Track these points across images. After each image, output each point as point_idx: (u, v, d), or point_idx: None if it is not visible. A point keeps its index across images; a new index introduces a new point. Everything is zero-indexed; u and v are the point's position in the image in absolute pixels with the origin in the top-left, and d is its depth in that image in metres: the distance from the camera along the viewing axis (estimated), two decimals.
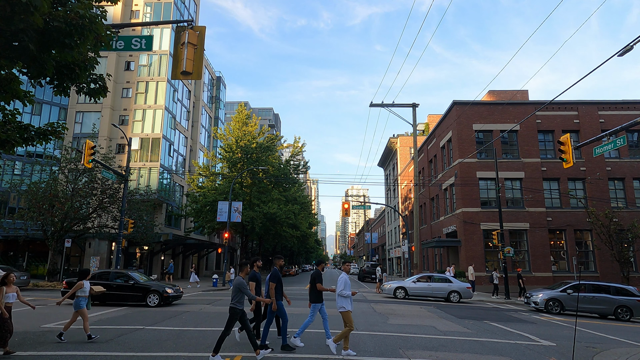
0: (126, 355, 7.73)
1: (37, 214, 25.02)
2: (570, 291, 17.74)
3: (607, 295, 17.22)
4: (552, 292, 18.17)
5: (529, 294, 19.12)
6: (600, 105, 29.32)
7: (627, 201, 27.71)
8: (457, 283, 21.18)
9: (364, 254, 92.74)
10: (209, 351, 8.09)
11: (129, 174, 25.42)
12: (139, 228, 27.87)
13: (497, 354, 8.74)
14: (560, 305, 17.73)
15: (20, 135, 8.96)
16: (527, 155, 28.64)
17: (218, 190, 36.44)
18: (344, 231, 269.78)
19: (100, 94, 8.68)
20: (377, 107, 25.99)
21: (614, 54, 9.87)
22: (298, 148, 41.94)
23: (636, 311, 16.98)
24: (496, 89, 34.59)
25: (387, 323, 12.58)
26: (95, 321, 11.82)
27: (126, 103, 38.25)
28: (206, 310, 14.68)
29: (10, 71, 7.89)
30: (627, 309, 16.97)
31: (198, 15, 47.73)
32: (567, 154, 13.79)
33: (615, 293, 17.34)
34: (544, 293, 18.36)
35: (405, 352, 8.49)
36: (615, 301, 17.08)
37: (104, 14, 7.51)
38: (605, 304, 17.16)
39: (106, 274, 16.72)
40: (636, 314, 17.04)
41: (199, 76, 8.18)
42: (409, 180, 44.94)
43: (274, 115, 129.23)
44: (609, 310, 17.16)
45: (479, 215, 27.85)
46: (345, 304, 8.01)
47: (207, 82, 52.19)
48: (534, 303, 18.30)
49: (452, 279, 21.78)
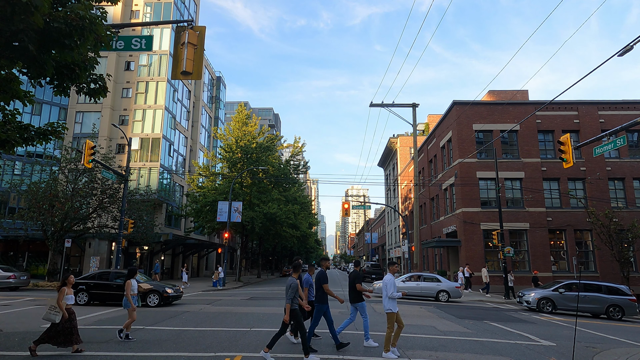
0: (126, 355, 7.74)
1: (37, 214, 25.01)
2: (562, 290, 17.92)
3: (599, 295, 17.34)
4: (544, 291, 18.35)
5: (521, 293, 19.31)
6: (600, 105, 29.31)
7: (627, 201, 27.71)
8: (446, 283, 21.22)
9: (364, 254, 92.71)
10: (209, 351, 8.11)
11: (129, 174, 25.42)
12: (139, 228, 27.87)
13: (497, 354, 8.74)
14: (552, 304, 17.86)
15: (20, 135, 8.97)
16: (527, 155, 28.64)
17: (218, 190, 36.45)
18: (344, 231, 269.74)
19: (100, 94, 8.69)
20: (377, 107, 26.00)
21: (614, 54, 9.87)
22: (298, 148, 41.95)
23: (628, 310, 17.09)
24: (496, 89, 34.58)
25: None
26: (95, 321, 11.82)
27: (126, 103, 38.25)
28: (206, 310, 14.68)
29: (10, 71, 7.89)
30: (619, 308, 17.10)
31: (198, 15, 47.73)
32: (567, 154, 13.78)
33: (607, 292, 17.47)
34: (535, 292, 18.55)
35: (405, 352, 8.49)
36: (606, 300, 17.20)
37: (104, 14, 7.51)
38: (597, 303, 17.28)
39: (106, 274, 16.73)
40: (628, 313, 17.15)
41: (199, 76, 8.18)
42: (409, 180, 44.94)
43: (274, 115, 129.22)
44: (601, 310, 17.28)
45: (479, 215, 27.85)
46: (392, 306, 8.03)
47: (207, 82, 52.19)
48: (526, 302, 18.46)
49: (442, 278, 21.77)
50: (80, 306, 15.41)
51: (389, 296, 8.02)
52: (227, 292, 25.03)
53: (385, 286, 8.13)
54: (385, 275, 8.37)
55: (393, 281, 8.13)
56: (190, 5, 44.47)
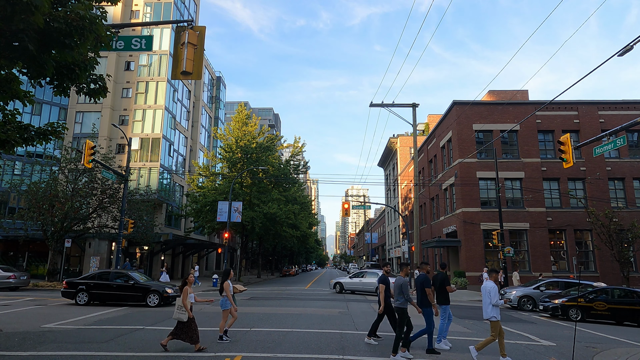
0: (126, 355, 7.74)
1: (37, 214, 25.01)
2: (543, 288, 18.31)
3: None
4: (525, 289, 18.78)
5: (504, 291, 19.59)
6: (600, 105, 29.32)
7: (627, 201, 27.71)
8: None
9: (364, 254, 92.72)
10: (209, 351, 8.11)
11: (129, 174, 25.42)
12: (139, 228, 27.86)
13: (497, 354, 8.73)
14: (533, 302, 18.16)
15: (20, 135, 8.96)
16: (527, 155, 28.64)
17: (218, 190, 36.44)
18: (344, 231, 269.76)
19: (100, 94, 8.68)
20: (377, 107, 25.97)
21: (614, 54, 9.86)
22: (298, 148, 41.93)
23: None
24: (496, 89, 34.59)
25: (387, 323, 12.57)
26: (95, 321, 11.82)
27: (126, 103, 38.25)
28: (206, 310, 14.67)
29: (10, 71, 7.89)
30: None
31: (198, 15, 47.73)
32: (567, 154, 13.77)
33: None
34: (517, 290, 18.89)
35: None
36: None
37: (104, 14, 7.51)
38: None
39: (106, 274, 16.72)
40: None
41: (199, 76, 8.18)
42: (409, 180, 44.94)
43: (274, 115, 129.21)
44: None
45: (479, 215, 27.84)
46: (496, 313, 8.02)
47: (207, 82, 52.19)
48: (508, 300, 18.75)
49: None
50: (80, 306, 15.41)
51: (493, 304, 7.98)
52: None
53: (489, 293, 8.08)
54: (487, 282, 8.28)
55: (496, 289, 8.16)
56: (190, 5, 44.47)
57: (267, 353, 8.04)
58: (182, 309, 8.06)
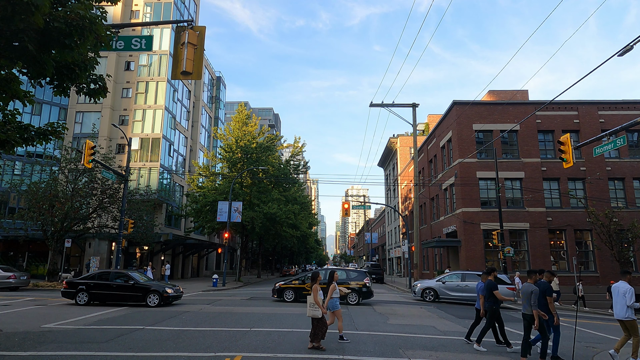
0: (126, 355, 7.73)
1: (37, 214, 25.01)
2: (445, 281, 19.81)
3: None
4: (428, 282, 20.39)
5: (414, 284, 20.77)
6: (600, 105, 29.30)
7: (627, 201, 27.70)
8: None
9: (364, 254, 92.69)
10: (209, 351, 8.11)
11: (129, 174, 25.42)
12: (139, 228, 27.86)
13: (497, 354, 8.74)
14: (435, 294, 19.76)
15: (20, 136, 8.96)
16: (527, 155, 28.64)
17: (218, 190, 36.44)
18: (344, 231, 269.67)
19: (100, 94, 8.69)
20: (376, 107, 26.00)
21: (614, 54, 9.86)
22: (298, 148, 41.93)
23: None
24: (496, 89, 34.58)
25: (387, 323, 12.59)
26: (95, 321, 11.82)
27: (126, 103, 38.24)
28: (206, 310, 14.68)
29: (10, 71, 7.89)
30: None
31: (198, 15, 47.73)
32: (567, 154, 13.78)
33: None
34: (421, 283, 20.24)
35: (405, 352, 8.49)
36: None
37: (104, 14, 7.51)
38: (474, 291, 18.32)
39: (106, 274, 16.72)
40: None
41: (199, 76, 8.18)
42: (409, 180, 44.94)
43: (274, 115, 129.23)
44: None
45: (479, 215, 27.84)
46: (632, 314, 8.38)
47: (207, 82, 52.19)
48: (414, 292, 20.42)
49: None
50: (80, 306, 15.42)
51: (629, 305, 8.34)
52: (227, 292, 25.03)
53: (624, 295, 8.42)
54: (622, 283, 8.58)
55: (633, 291, 8.43)
56: (190, 5, 44.47)
57: (267, 353, 8.04)
58: (314, 306, 8.47)
